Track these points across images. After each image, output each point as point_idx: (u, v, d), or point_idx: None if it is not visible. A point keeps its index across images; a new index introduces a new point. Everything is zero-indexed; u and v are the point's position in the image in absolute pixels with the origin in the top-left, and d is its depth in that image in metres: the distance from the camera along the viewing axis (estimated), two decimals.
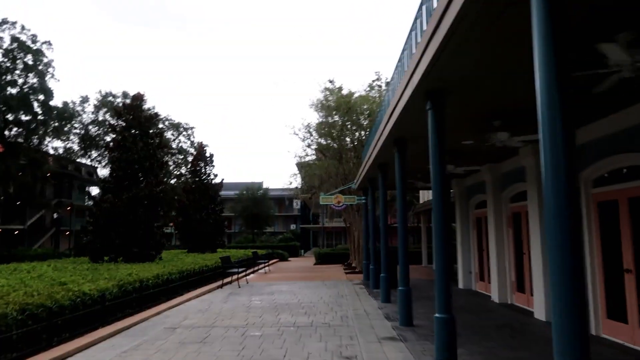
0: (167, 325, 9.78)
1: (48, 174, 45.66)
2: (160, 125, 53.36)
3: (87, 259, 19.44)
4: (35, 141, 33.03)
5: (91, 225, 19.24)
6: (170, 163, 53.74)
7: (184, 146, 54.67)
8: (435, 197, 6.80)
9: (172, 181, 51.46)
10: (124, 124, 20.48)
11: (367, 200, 19.74)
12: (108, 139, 34.85)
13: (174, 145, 53.24)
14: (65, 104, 42.72)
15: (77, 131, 44.02)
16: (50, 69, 31.95)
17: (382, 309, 11.60)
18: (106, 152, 20.11)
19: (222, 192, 71.60)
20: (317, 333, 8.77)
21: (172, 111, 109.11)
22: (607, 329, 8.15)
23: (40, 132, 32.23)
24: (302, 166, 29.08)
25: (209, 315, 10.87)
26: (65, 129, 39.79)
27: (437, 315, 6.61)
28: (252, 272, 23.82)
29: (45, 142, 35.14)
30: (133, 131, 20.48)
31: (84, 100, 44.13)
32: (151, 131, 21.15)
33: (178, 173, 52.20)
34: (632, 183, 7.65)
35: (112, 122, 21.11)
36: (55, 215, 38.14)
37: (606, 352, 7.23)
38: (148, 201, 19.77)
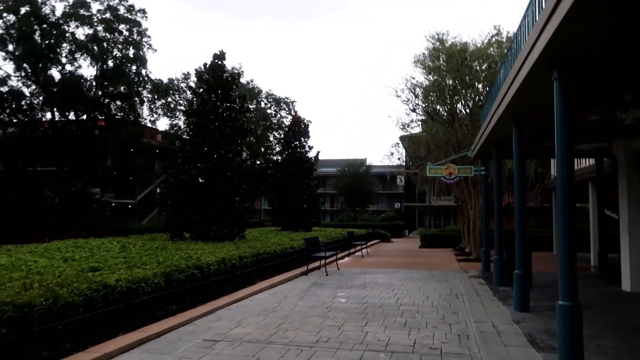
0: (210, 335, 7.06)
1: (157, 150, 46.76)
2: (264, 102, 52.57)
3: (167, 236, 17.80)
4: (134, 114, 32.87)
5: (169, 199, 17.51)
6: (271, 138, 52.81)
7: (286, 122, 53.37)
8: None
9: (275, 158, 50.55)
10: (204, 87, 18.37)
11: (487, 171, 15.66)
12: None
13: (274, 120, 52.16)
14: (171, 80, 42.93)
15: (183, 108, 44.26)
16: (145, 39, 31.36)
17: (519, 323, 7.89)
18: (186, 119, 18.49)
19: (324, 169, 70.40)
20: None
21: (275, 87, 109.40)
22: None
23: (136, 102, 31.91)
24: (405, 138, 25.35)
25: (271, 320, 8.01)
26: (166, 101, 39.77)
27: None
28: (347, 255, 20.90)
29: (144, 116, 35.03)
30: (213, 95, 18.29)
31: (186, 77, 43.97)
32: (233, 94, 18.79)
33: (280, 149, 51.15)
34: None
35: (193, 85, 18.99)
36: (158, 190, 38.56)
37: None
38: (229, 172, 17.54)
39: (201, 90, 18.36)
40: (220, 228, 17.05)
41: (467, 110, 21.05)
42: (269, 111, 52.53)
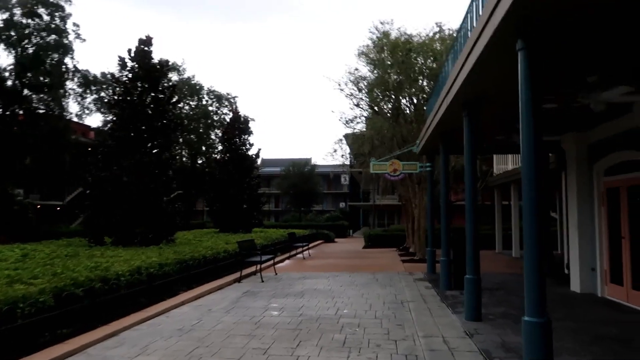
0: None
1: (89, 148, 43.40)
2: (206, 98, 50.27)
3: (87, 241, 15.85)
4: (60, 108, 29.98)
5: (87, 199, 15.60)
6: (213, 136, 50.60)
7: (228, 119, 51.45)
8: None
9: (218, 156, 48.53)
10: (129, 75, 16.56)
11: (433, 168, 14.94)
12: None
13: (216, 118, 50.10)
14: (104, 74, 39.93)
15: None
16: (71, 27, 28.72)
17: (472, 336, 6.95)
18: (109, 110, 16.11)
19: (269, 169, 68.63)
20: None
21: (221, 87, 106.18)
22: None
23: (61, 95, 29.08)
24: (349, 136, 24.44)
25: (185, 343, 6.64)
26: (99, 96, 36.89)
27: None
28: (288, 258, 19.68)
29: (71, 110, 32.21)
30: (139, 84, 16.52)
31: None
32: (162, 84, 17.07)
33: (222, 148, 49.19)
34: None
35: (116, 73, 17.06)
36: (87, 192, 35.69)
37: None
38: (157, 169, 15.88)
39: (125, 78, 16.55)
40: (146, 231, 15.37)
41: (412, 108, 20.39)
42: (210, 108, 50.44)
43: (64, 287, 7.29)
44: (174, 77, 47.15)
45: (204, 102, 49.84)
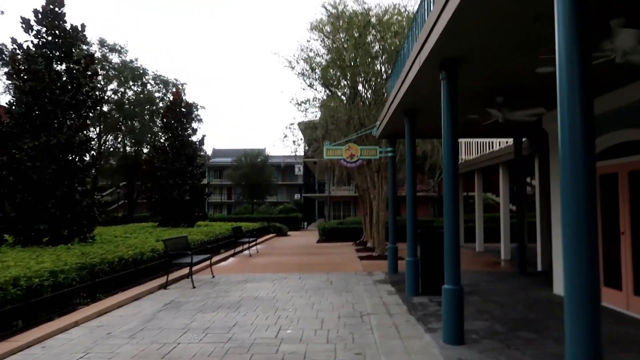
0: None
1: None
2: (151, 83, 46.67)
3: None
4: None
5: None
6: (159, 124, 47.29)
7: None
8: None
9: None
10: (34, 41, 13.79)
11: (396, 153, 13.13)
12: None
13: (161, 105, 46.79)
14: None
15: None
16: None
17: None
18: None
19: (221, 159, 65.43)
20: None
21: (166, 73, 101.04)
22: None
23: None
24: (302, 124, 22.34)
25: None
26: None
27: None
28: (233, 255, 17.46)
29: None
30: (47, 51, 13.78)
31: None
32: (76, 52, 14.40)
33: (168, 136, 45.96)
34: None
35: (22, 39, 14.26)
36: None
37: None
38: (70, 153, 13.29)
39: (30, 43, 13.76)
40: (55, 228, 12.79)
41: (369, 92, 18.51)
42: (157, 95, 47.03)
43: None
44: (114, 59, 43.62)
45: (149, 88, 46.46)
